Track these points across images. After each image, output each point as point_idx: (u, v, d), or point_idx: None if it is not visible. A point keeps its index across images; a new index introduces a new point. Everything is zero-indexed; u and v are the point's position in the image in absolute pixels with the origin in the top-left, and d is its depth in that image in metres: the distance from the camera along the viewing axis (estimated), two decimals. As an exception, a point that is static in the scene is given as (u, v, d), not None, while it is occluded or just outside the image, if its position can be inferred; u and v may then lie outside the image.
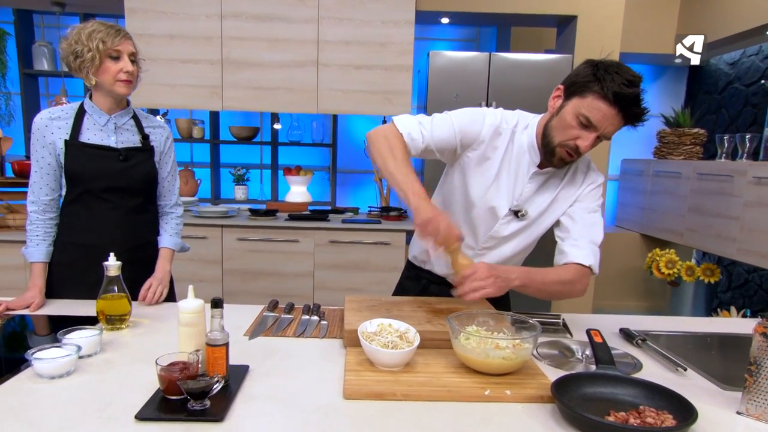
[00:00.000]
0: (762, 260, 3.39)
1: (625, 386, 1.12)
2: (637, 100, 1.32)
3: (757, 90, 4.36)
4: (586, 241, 1.47)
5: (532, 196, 1.54)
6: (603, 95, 1.30)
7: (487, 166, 1.53)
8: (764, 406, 1.07)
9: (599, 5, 3.65)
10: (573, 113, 1.36)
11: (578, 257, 1.44)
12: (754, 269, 4.26)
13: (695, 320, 1.87)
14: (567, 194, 1.54)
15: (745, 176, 3.53)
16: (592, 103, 1.33)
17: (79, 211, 1.73)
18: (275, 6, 3.45)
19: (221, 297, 1.12)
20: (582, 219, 1.51)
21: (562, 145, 1.40)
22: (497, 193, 1.53)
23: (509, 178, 1.53)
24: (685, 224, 4.09)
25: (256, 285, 3.48)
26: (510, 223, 1.56)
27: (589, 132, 1.36)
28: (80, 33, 1.61)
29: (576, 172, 1.55)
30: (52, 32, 4.23)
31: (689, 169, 4.09)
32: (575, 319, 1.65)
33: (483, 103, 3.46)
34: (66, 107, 1.73)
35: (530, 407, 1.08)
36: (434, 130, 1.49)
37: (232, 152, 4.49)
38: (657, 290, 4.76)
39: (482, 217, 1.58)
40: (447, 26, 4.38)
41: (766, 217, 3.36)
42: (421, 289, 1.78)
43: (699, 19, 4.46)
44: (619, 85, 1.29)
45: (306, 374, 1.20)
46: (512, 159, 1.52)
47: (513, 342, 1.17)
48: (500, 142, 1.52)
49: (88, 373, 1.17)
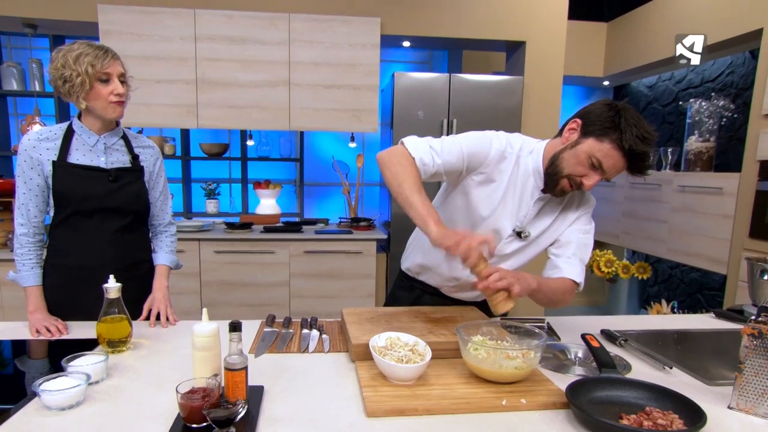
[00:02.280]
0: (688, 258, 3.54)
1: (630, 388, 1.09)
2: (646, 157, 1.29)
3: (672, 110, 4.57)
4: (578, 260, 1.46)
5: (535, 217, 1.50)
6: (620, 146, 1.27)
7: (493, 188, 1.47)
8: (753, 401, 1.07)
9: (545, 32, 3.72)
10: (587, 153, 1.31)
11: (572, 274, 1.43)
12: (676, 265, 4.44)
13: (655, 318, 1.89)
14: (565, 216, 1.51)
15: (671, 185, 3.68)
16: (608, 151, 1.28)
17: (67, 232, 1.56)
18: (248, 29, 3.32)
19: (239, 320, 1.02)
20: (577, 239, 1.48)
21: (569, 177, 1.36)
22: (503, 214, 1.48)
23: (514, 201, 1.48)
24: (620, 228, 4.22)
25: (234, 296, 3.31)
26: (512, 243, 1.51)
27: (596, 173, 1.33)
28: (67, 57, 1.44)
29: (573, 196, 1.52)
30: (20, 53, 3.91)
31: (622, 178, 4.22)
32: (550, 323, 1.63)
33: (444, 120, 3.45)
34: (54, 128, 1.56)
35: (546, 414, 1.03)
36: (444, 155, 1.40)
37: (201, 167, 4.30)
38: (596, 287, 4.89)
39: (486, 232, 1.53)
40: (402, 49, 4.37)
41: (690, 220, 3.50)
42: (414, 299, 1.72)
43: (622, 48, 4.64)
44: (635, 140, 1.25)
45: (321, 392, 1.11)
46: (518, 182, 1.47)
47: (523, 351, 1.12)
48: (506, 166, 1.46)
49: (99, 402, 1.03)
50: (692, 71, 4.39)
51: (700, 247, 3.41)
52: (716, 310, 1.82)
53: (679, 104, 4.45)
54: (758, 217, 3.00)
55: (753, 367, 1.07)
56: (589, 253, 1.49)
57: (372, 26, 3.41)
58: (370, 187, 4.40)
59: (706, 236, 3.36)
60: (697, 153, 3.69)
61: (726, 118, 3.77)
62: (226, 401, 0.95)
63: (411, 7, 3.59)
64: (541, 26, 3.70)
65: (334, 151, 4.25)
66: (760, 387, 1.07)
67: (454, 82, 3.46)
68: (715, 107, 3.70)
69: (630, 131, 1.25)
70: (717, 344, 1.63)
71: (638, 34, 4.42)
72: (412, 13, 3.60)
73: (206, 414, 0.89)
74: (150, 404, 1.03)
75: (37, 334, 1.44)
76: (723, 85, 4.06)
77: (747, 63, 3.88)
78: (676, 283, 4.50)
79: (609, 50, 4.82)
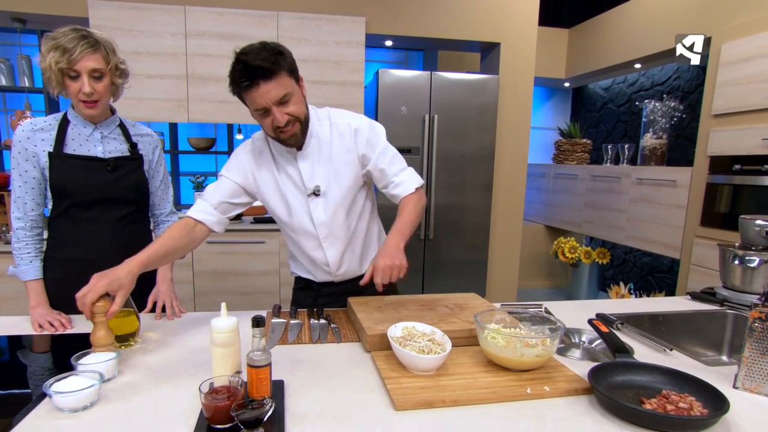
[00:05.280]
0: (644, 244, 3.57)
1: (645, 372, 1.03)
2: (250, 68, 1.17)
3: (626, 110, 4.61)
4: (398, 176, 1.44)
5: (313, 172, 1.39)
6: (241, 89, 1.21)
7: (268, 181, 1.41)
8: (758, 381, 1.03)
9: (518, 35, 3.66)
10: (252, 113, 1.28)
11: (407, 190, 1.43)
12: (630, 250, 4.50)
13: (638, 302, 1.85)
14: (343, 153, 1.40)
15: (630, 177, 3.70)
16: (247, 100, 1.24)
17: (66, 225, 1.40)
18: (237, 26, 3.12)
19: (262, 315, 0.90)
20: (383, 163, 1.42)
21: (272, 129, 1.28)
22: (289, 190, 1.40)
23: (283, 176, 1.40)
24: (582, 217, 4.24)
25: (226, 284, 3.14)
26: (318, 205, 1.41)
27: (270, 112, 1.23)
28: (42, 47, 1.26)
29: (342, 132, 1.40)
30: (7, 49, 3.59)
31: (584, 171, 4.23)
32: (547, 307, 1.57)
33: (426, 116, 3.35)
34: (48, 118, 1.38)
35: (569, 400, 0.96)
36: (214, 194, 1.39)
37: (188, 161, 4.09)
38: (559, 271, 4.92)
39: (301, 220, 1.44)
40: (381, 49, 4.24)
41: (647, 210, 3.53)
42: (314, 296, 1.57)
43: (582, 53, 4.64)
44: (238, 74, 1.19)
45: (343, 385, 1.01)
46: (278, 158, 1.40)
47: (542, 339, 1.04)
48: (266, 157, 1.41)
49: (113, 402, 0.90)
50: (643, 75, 4.43)
51: (656, 234, 3.44)
52: (691, 292, 1.79)
53: (632, 105, 4.49)
54: (708, 207, 3.03)
55: (759, 349, 1.03)
56: (400, 159, 1.46)
57: (357, 25, 3.27)
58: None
59: (661, 224, 3.39)
60: (652, 149, 3.72)
61: (676, 118, 3.82)
62: (252, 400, 0.84)
63: (394, 8, 3.47)
64: (514, 29, 3.64)
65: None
66: (765, 368, 1.02)
67: (435, 80, 3.36)
68: (667, 108, 3.74)
69: (234, 74, 1.20)
70: (695, 325, 1.60)
71: (596, 40, 4.43)
72: (395, 14, 3.48)
73: (235, 416, 0.77)
74: (167, 403, 0.91)
75: (40, 329, 1.28)
76: (671, 88, 4.10)
77: (691, 69, 3.93)
78: (629, 266, 4.56)
79: (570, 54, 4.82)
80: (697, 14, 3.32)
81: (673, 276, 3.94)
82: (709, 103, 3.04)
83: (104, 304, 1.04)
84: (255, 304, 3.13)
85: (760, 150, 2.67)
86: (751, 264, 1.62)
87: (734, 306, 1.62)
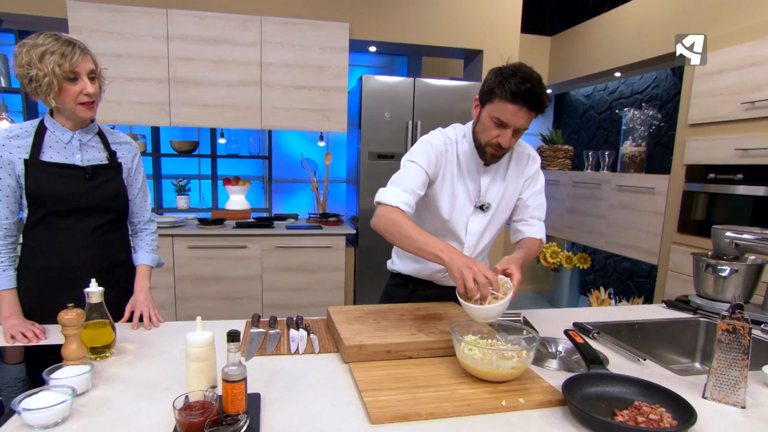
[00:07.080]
0: (624, 250, 3.63)
1: (617, 383, 1.05)
2: (534, 92, 1.26)
3: (606, 117, 4.69)
4: (536, 220, 1.55)
5: (489, 189, 1.50)
6: (505, 97, 1.28)
7: (446, 184, 1.48)
8: (726, 391, 1.05)
9: (500, 42, 3.70)
10: (488, 117, 1.34)
11: (533, 233, 1.53)
12: (610, 256, 4.57)
13: (614, 309, 1.89)
14: (515, 176, 1.52)
15: (610, 184, 3.76)
16: (498, 106, 1.30)
17: (43, 233, 1.37)
18: (220, 30, 3.10)
19: (237, 330, 0.89)
20: (533, 202, 1.54)
21: (488, 144, 1.38)
22: (461, 202, 1.49)
23: (465, 184, 1.49)
24: (563, 222, 4.29)
25: (208, 290, 3.11)
26: (477, 217, 1.51)
27: (505, 130, 1.33)
28: (31, 54, 1.23)
29: (521, 156, 1.53)
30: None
31: (566, 178, 4.29)
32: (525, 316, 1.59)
33: (409, 122, 3.37)
34: (24, 124, 1.36)
35: (543, 412, 0.97)
36: (411, 183, 1.40)
37: (171, 164, 4.03)
38: (542, 275, 4.98)
39: (456, 223, 1.52)
40: (366, 54, 4.25)
41: (627, 216, 3.59)
42: (408, 293, 1.66)
43: (564, 61, 4.71)
44: (516, 85, 1.25)
45: (319, 398, 1.01)
46: (462, 166, 1.48)
47: (518, 352, 1.06)
48: (450, 157, 1.47)
49: (85, 417, 0.89)
50: (623, 83, 4.51)
51: (634, 240, 3.50)
52: (666, 301, 1.83)
53: (613, 112, 4.57)
54: (685, 214, 3.10)
55: (726, 360, 1.05)
56: (544, 210, 1.58)
57: (341, 31, 3.27)
58: (335, 184, 4.27)
59: (640, 230, 3.45)
60: (631, 156, 3.79)
61: (654, 126, 3.90)
62: (227, 415, 0.83)
63: (378, 14, 3.48)
64: (497, 36, 3.68)
65: (301, 149, 4.09)
66: (732, 378, 1.05)
67: (418, 86, 3.38)
68: (646, 116, 3.81)
69: (508, 81, 1.26)
70: (670, 333, 1.64)
71: (577, 48, 4.50)
72: (379, 20, 3.49)
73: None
74: (141, 418, 0.89)
75: (12, 341, 1.25)
76: (649, 96, 4.19)
77: (669, 79, 4.02)
78: (609, 271, 4.63)
79: (552, 62, 4.89)
80: (673, 27, 3.39)
81: (651, 281, 4.01)
82: (686, 112, 3.11)
83: (76, 317, 1.02)
84: (237, 309, 3.10)
85: (733, 160, 2.74)
86: (722, 273, 1.66)
87: (707, 314, 1.66)
